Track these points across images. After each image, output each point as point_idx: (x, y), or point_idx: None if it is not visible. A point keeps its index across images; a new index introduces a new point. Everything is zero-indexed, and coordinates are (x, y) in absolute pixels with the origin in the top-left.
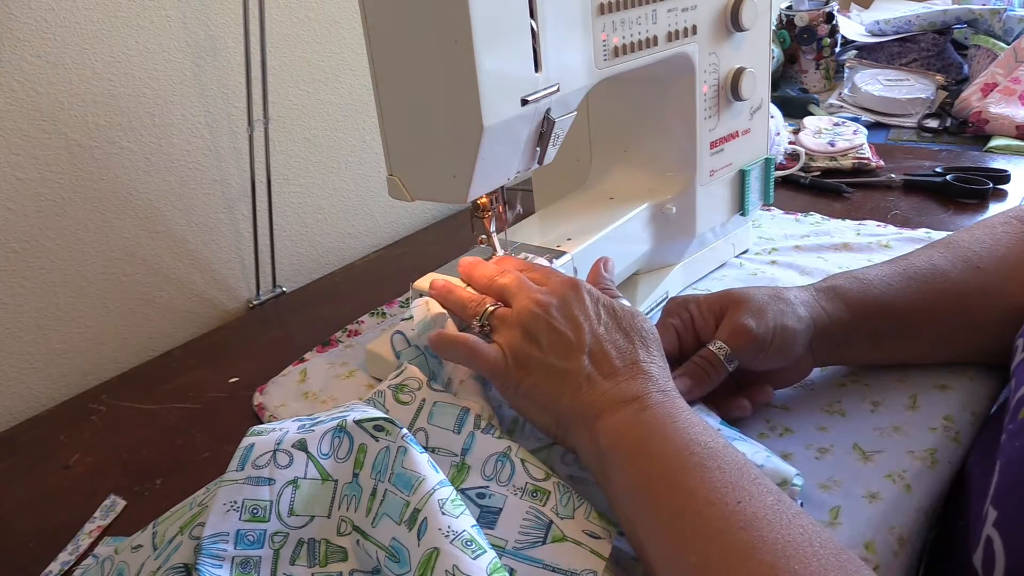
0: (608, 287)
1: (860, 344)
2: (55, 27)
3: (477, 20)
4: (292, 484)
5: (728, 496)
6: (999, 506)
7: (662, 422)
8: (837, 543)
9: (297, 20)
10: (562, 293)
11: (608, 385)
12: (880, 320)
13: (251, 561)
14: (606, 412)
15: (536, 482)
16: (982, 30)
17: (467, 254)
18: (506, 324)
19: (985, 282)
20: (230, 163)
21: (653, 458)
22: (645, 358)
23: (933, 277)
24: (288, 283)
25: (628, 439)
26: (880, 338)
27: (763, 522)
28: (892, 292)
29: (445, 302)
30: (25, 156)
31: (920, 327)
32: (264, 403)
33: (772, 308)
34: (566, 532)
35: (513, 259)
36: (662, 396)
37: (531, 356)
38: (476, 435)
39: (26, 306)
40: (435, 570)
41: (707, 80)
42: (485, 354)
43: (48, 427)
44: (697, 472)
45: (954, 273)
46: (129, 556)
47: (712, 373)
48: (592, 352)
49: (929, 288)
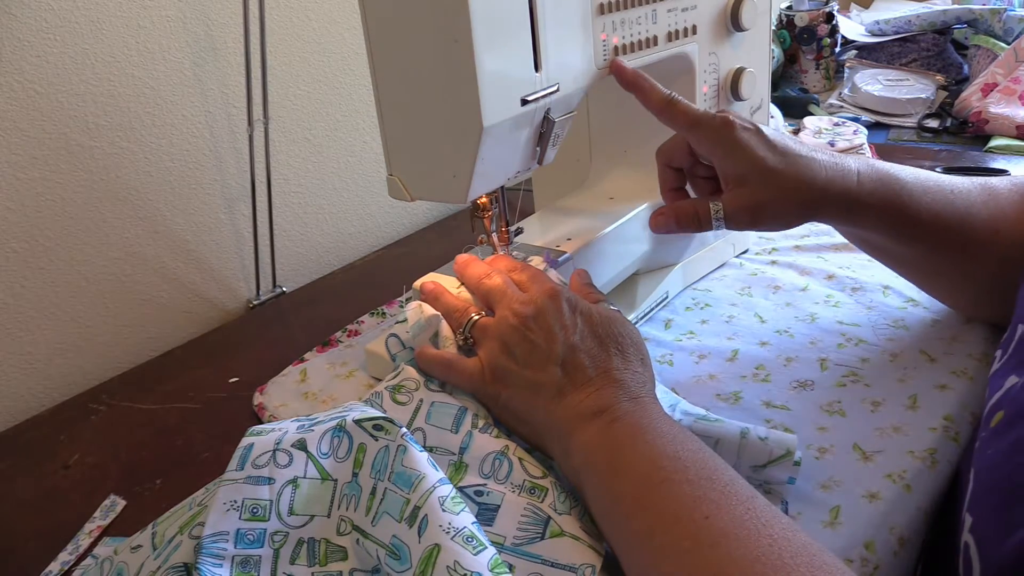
0: (592, 292)
1: (862, 213)
2: (55, 27)
3: (477, 20)
4: (292, 483)
5: (696, 511)
6: (973, 513)
7: (631, 436)
8: (812, 549)
9: (297, 20)
10: (541, 303)
11: (579, 397)
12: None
13: (251, 560)
14: (577, 428)
15: (534, 479)
16: (982, 30)
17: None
18: (487, 336)
19: (994, 215)
20: (230, 163)
21: (621, 476)
22: (619, 365)
23: (957, 189)
24: (288, 283)
25: (598, 457)
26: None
27: (732, 538)
28: (920, 203)
29: (434, 307)
30: (25, 156)
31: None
32: (264, 403)
33: (795, 199)
34: (564, 528)
35: (506, 258)
36: (632, 405)
37: (507, 369)
38: (474, 434)
39: (26, 306)
40: (436, 566)
41: (707, 80)
42: (462, 370)
43: (48, 427)
44: (664, 488)
45: (978, 195)
46: (128, 556)
47: (696, 226)
48: (565, 363)
49: (945, 198)
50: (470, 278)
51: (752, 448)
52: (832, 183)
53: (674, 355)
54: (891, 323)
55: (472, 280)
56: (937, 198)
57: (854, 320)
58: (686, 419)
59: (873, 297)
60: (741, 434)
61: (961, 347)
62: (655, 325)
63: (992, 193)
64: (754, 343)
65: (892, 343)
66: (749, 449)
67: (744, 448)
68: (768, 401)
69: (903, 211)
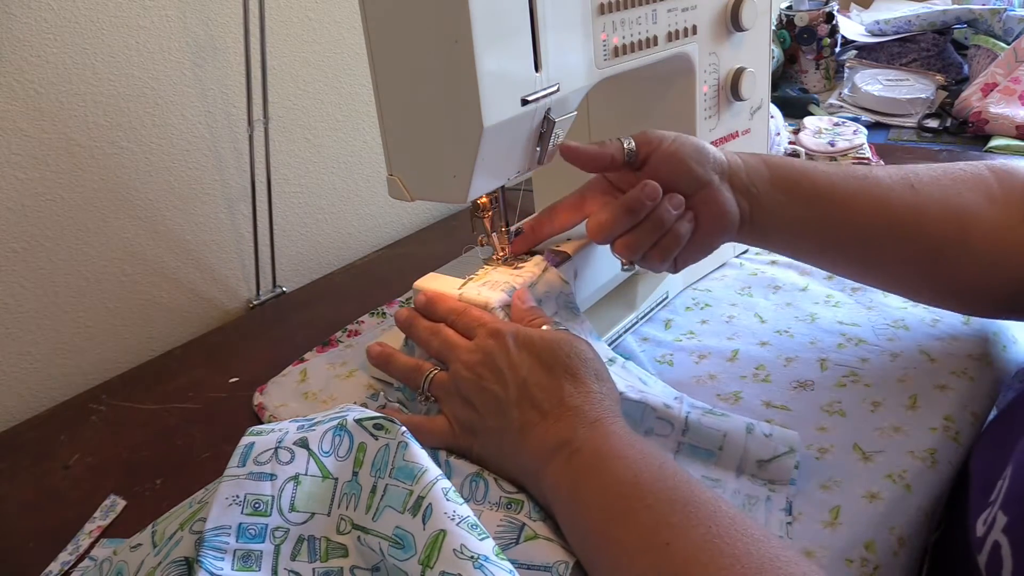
0: (535, 316)
1: (774, 199)
2: (55, 27)
3: (477, 20)
4: (294, 480)
5: (656, 538)
6: (1010, 512)
7: (590, 467)
8: (778, 563)
9: (297, 20)
10: (487, 347)
11: (539, 433)
12: (788, 182)
13: (252, 555)
14: (543, 466)
15: (510, 495)
16: (982, 30)
17: (466, 253)
18: (446, 392)
19: (916, 200)
20: (230, 163)
21: (584, 511)
22: (571, 391)
23: (866, 177)
24: (288, 283)
25: (562, 493)
26: (784, 194)
27: (694, 563)
28: (815, 169)
29: (386, 372)
30: (25, 156)
31: (835, 213)
32: (264, 403)
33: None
34: (538, 531)
35: (448, 299)
36: (589, 431)
37: (472, 420)
38: (451, 462)
39: (26, 306)
40: (443, 550)
41: (707, 80)
42: (431, 431)
43: (48, 427)
44: (624, 520)
45: (887, 182)
46: (128, 555)
47: (607, 157)
48: (520, 402)
49: (858, 184)
50: (417, 338)
51: (757, 443)
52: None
53: (674, 355)
54: (891, 323)
55: (421, 340)
56: (836, 171)
57: (854, 320)
58: (694, 412)
59: (873, 297)
60: (747, 429)
61: (961, 347)
62: (655, 325)
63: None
64: (754, 343)
65: (892, 343)
66: (754, 444)
67: (749, 443)
68: (768, 401)
69: (803, 178)
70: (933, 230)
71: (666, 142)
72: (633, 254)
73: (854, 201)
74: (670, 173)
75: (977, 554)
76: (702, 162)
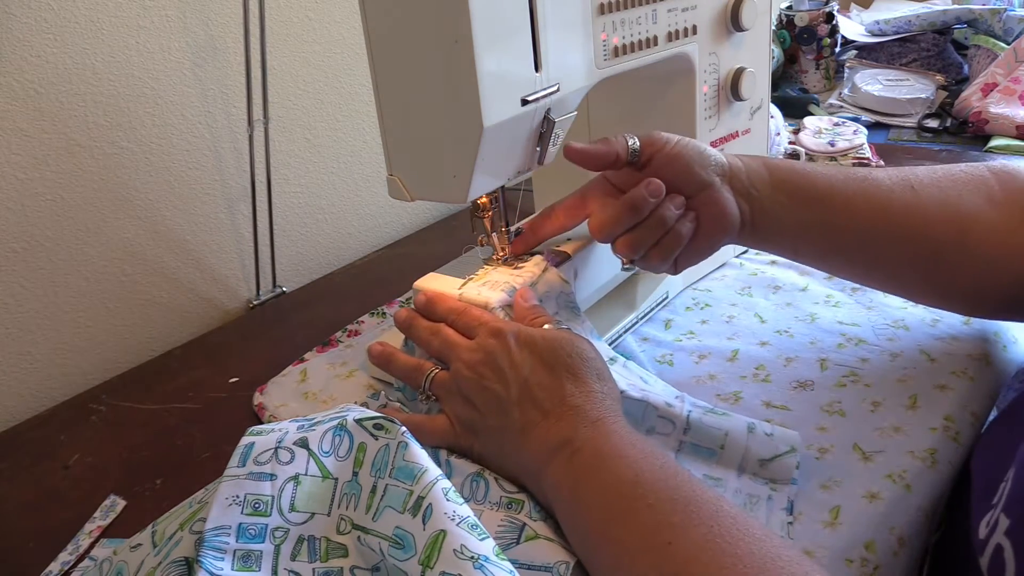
0: (538, 315)
1: (774, 201)
2: (55, 27)
3: (477, 20)
4: (294, 480)
5: (658, 538)
6: (1012, 515)
7: (591, 467)
8: (780, 562)
9: (297, 20)
10: (488, 346)
11: (540, 432)
12: (789, 184)
13: (252, 555)
14: (544, 466)
15: (510, 495)
16: (982, 30)
17: (466, 253)
18: (447, 391)
19: (916, 202)
20: (230, 163)
21: (585, 510)
22: (572, 391)
23: (866, 179)
24: (288, 283)
25: (563, 492)
26: (789, 198)
27: (695, 563)
28: (816, 172)
29: (388, 371)
30: (25, 156)
31: (835, 215)
32: (264, 403)
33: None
34: (539, 531)
35: (448, 299)
36: (591, 431)
37: (473, 420)
38: (452, 461)
39: (26, 306)
40: (443, 550)
41: (707, 80)
42: (432, 430)
43: (48, 427)
44: (625, 519)
45: (887, 183)
46: (128, 555)
47: (612, 155)
48: (521, 401)
49: (859, 186)
50: (417, 339)
51: (759, 442)
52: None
53: (674, 355)
54: (891, 323)
55: (420, 340)
56: (836, 173)
57: (854, 320)
58: (696, 411)
59: (873, 297)
60: (748, 428)
61: (961, 347)
62: (655, 325)
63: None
64: (754, 343)
65: (892, 343)
66: (756, 443)
67: (751, 442)
68: (768, 401)
69: (803, 179)
70: (933, 232)
71: (670, 144)
72: (634, 253)
73: (854, 203)
74: (672, 174)
75: (979, 556)
76: (704, 164)
